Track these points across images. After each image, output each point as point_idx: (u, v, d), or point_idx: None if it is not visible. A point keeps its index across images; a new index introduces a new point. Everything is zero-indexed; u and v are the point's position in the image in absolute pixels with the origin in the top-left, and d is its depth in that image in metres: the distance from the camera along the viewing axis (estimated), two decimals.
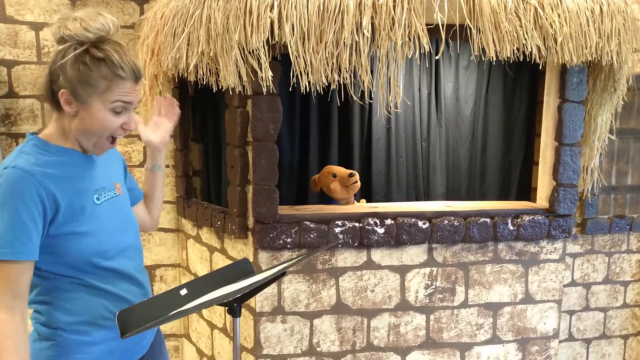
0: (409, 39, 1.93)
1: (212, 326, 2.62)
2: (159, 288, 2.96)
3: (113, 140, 1.31)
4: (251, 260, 2.23)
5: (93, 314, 1.30)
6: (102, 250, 1.30)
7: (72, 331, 1.28)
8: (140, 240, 1.48)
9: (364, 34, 1.90)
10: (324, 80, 1.93)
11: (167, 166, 2.84)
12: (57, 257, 1.24)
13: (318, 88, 1.96)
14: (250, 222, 2.24)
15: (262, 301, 2.26)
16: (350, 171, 2.65)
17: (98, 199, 1.32)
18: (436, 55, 2.12)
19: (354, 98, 2.08)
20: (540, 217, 2.39)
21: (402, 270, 2.35)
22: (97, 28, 1.19)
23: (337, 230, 2.23)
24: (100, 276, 1.31)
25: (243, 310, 2.32)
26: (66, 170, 1.26)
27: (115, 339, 1.27)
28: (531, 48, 2.02)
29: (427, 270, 2.37)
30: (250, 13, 1.89)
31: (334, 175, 2.64)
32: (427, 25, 1.94)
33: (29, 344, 1.21)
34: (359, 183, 2.68)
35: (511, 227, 2.37)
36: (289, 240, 2.20)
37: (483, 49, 2.00)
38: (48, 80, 1.23)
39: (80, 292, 1.28)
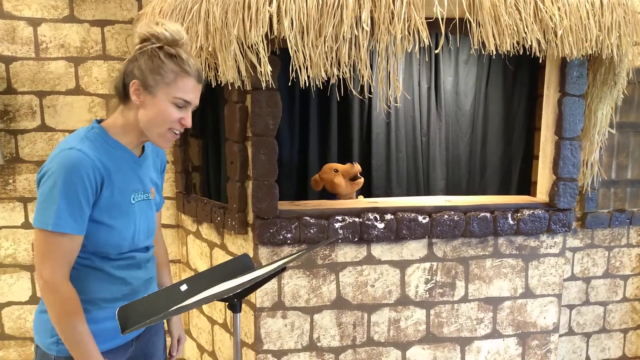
0: (409, 33, 1.92)
1: (213, 322, 2.62)
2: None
3: (174, 133, 1.39)
4: (251, 255, 2.23)
5: (95, 294, 1.36)
6: (120, 246, 1.37)
7: None
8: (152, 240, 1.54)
9: (363, 28, 1.89)
10: (324, 74, 1.92)
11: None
12: None
13: (317, 83, 1.95)
14: (250, 217, 2.24)
15: (262, 297, 2.26)
16: (350, 164, 2.65)
17: (134, 198, 1.40)
18: (436, 49, 2.11)
19: (354, 92, 2.07)
20: (540, 212, 2.39)
21: (402, 265, 2.35)
22: (174, 31, 1.33)
23: (337, 225, 2.23)
24: (109, 261, 1.38)
25: (243, 305, 2.32)
26: (117, 165, 1.36)
27: (113, 319, 1.30)
28: (531, 41, 2.01)
29: (427, 265, 2.37)
30: (249, 7, 1.88)
31: (336, 171, 2.64)
32: (426, 19, 1.93)
33: None
34: (362, 179, 2.68)
35: (511, 222, 2.36)
36: (289, 235, 2.20)
37: (483, 43, 1.99)
38: (121, 75, 1.36)
39: (87, 273, 1.36)
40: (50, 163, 1.28)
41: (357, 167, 2.63)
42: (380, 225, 2.26)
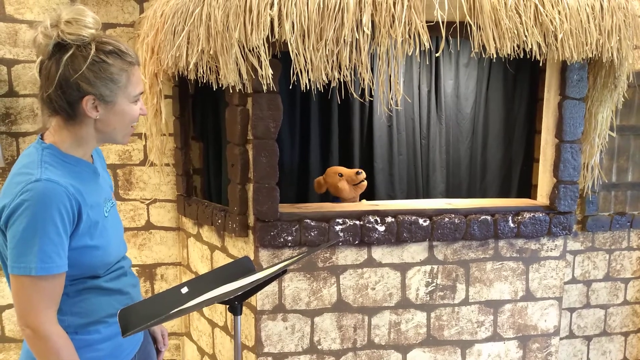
0: (409, 37, 1.92)
1: (213, 324, 2.62)
2: (160, 287, 2.96)
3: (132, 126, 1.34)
4: (252, 258, 2.23)
5: (101, 313, 1.31)
6: (108, 262, 1.32)
7: (83, 332, 1.28)
8: None
9: (364, 31, 1.89)
10: (324, 78, 1.93)
11: (167, 165, 2.84)
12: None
13: (318, 86, 1.96)
14: (251, 220, 2.24)
15: (263, 299, 2.26)
16: (356, 170, 2.65)
17: (106, 211, 1.33)
18: (436, 52, 2.12)
19: (355, 96, 2.07)
20: (540, 215, 2.39)
21: (402, 268, 2.35)
22: (93, 23, 1.19)
23: (338, 228, 2.23)
24: (101, 277, 1.32)
25: (244, 308, 2.32)
26: (83, 182, 1.25)
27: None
28: (531, 45, 2.01)
29: (428, 267, 2.37)
30: (250, 11, 1.88)
31: (340, 175, 2.65)
32: (427, 22, 1.94)
33: None
34: (365, 182, 2.69)
35: (512, 225, 2.37)
36: (289, 238, 2.20)
37: (483, 46, 2.00)
38: (59, 94, 1.19)
39: (87, 294, 1.29)
40: (16, 199, 1.13)
41: (362, 176, 2.64)
42: (381, 228, 2.26)
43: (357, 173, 2.63)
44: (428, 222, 2.30)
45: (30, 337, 1.17)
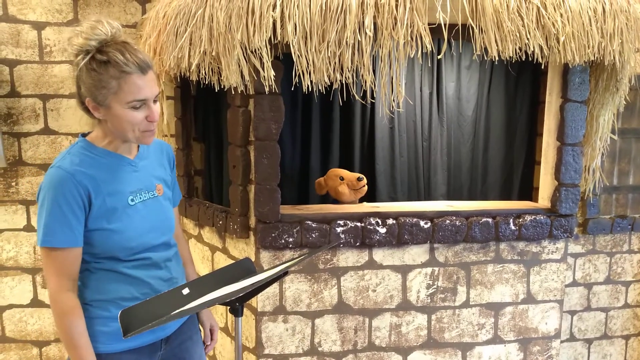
0: (411, 39, 1.92)
1: None
2: None
3: (149, 129, 1.39)
4: (253, 259, 2.23)
5: (114, 294, 1.41)
6: (128, 247, 1.40)
7: (96, 307, 1.41)
8: (172, 237, 1.55)
9: (366, 33, 1.90)
10: (326, 79, 1.93)
11: None
12: (86, 247, 1.38)
13: (320, 87, 1.96)
14: (252, 221, 2.24)
15: (263, 301, 2.26)
16: (358, 175, 2.64)
17: (132, 200, 1.43)
18: (438, 54, 2.12)
19: (356, 98, 2.08)
20: (542, 217, 2.39)
21: (403, 270, 2.35)
22: (97, 34, 1.31)
23: (339, 229, 2.23)
24: (121, 262, 1.41)
25: (245, 309, 2.32)
26: (105, 172, 1.39)
27: None
28: (533, 48, 2.01)
29: (429, 270, 2.37)
30: (253, 12, 1.89)
31: (342, 179, 2.64)
32: (429, 24, 1.94)
33: None
34: (365, 187, 2.68)
35: (513, 227, 2.36)
36: (290, 239, 2.20)
37: (485, 49, 2.00)
38: (77, 93, 1.39)
39: (104, 275, 1.41)
40: (41, 182, 1.36)
41: (363, 182, 2.62)
42: (382, 230, 2.26)
43: (359, 179, 2.62)
44: (429, 224, 2.30)
45: (49, 297, 1.38)
